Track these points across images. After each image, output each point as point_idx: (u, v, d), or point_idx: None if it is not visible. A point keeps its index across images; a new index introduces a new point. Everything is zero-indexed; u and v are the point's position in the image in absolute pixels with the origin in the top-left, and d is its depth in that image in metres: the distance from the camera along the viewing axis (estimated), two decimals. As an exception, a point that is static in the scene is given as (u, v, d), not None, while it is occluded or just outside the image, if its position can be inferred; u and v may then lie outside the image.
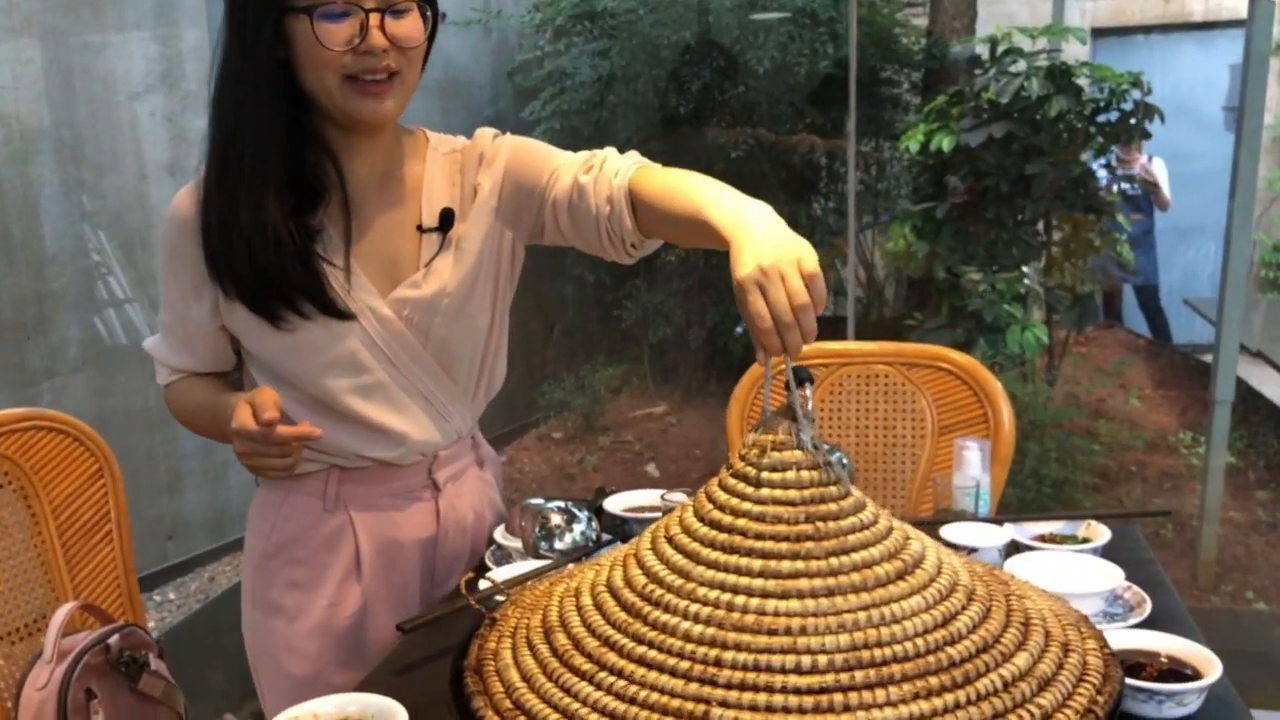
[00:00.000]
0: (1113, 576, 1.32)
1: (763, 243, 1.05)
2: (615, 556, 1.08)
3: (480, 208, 1.42)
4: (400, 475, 1.47)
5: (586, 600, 1.02)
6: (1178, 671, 1.12)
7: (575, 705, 0.91)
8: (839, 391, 2.12)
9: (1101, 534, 1.51)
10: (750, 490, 0.99)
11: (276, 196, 1.30)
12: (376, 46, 1.25)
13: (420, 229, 1.41)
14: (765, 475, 0.99)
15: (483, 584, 1.37)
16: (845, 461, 1.61)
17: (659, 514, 1.62)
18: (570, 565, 1.40)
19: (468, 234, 1.42)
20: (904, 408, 2.08)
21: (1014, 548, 1.48)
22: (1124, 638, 1.17)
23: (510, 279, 1.49)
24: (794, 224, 1.11)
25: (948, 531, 1.48)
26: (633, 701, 0.89)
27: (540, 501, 1.52)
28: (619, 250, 1.37)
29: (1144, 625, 1.27)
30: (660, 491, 1.71)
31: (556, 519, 1.48)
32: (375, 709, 1.07)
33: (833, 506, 0.98)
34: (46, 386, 3.40)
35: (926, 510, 2.01)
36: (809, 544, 0.95)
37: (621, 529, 1.63)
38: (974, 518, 1.57)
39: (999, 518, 1.57)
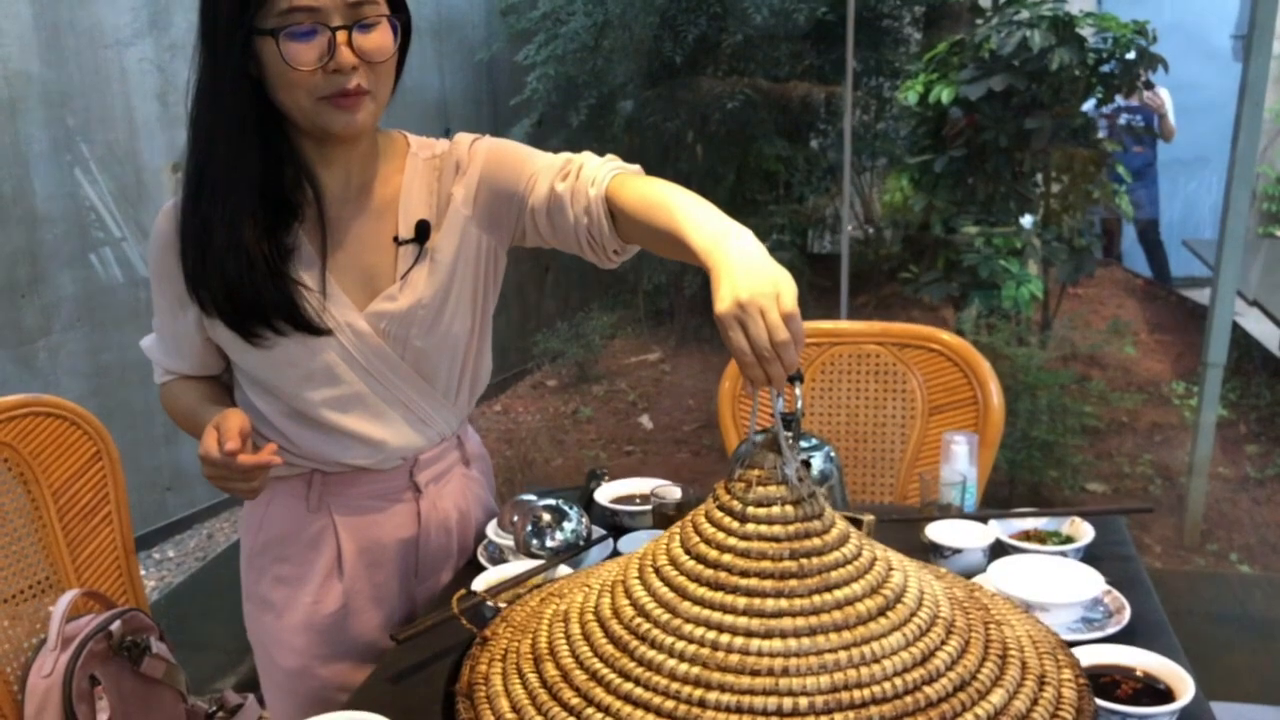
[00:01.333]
0: (1093, 585, 1.34)
1: (740, 276, 1.04)
2: (604, 580, 1.10)
3: (453, 217, 1.41)
4: (380, 479, 1.49)
5: (575, 629, 1.05)
6: (1152, 687, 1.15)
7: (564, 741, 0.94)
8: (829, 371, 2.13)
9: (1085, 532, 1.53)
10: (736, 525, 1.01)
11: (250, 217, 1.30)
12: (345, 64, 1.24)
13: (397, 241, 1.40)
14: (750, 510, 1.01)
15: (477, 583, 1.40)
16: (833, 455, 1.63)
17: (648, 507, 1.64)
18: (562, 566, 1.43)
19: (441, 244, 1.41)
20: (894, 388, 2.09)
21: (998, 548, 1.50)
22: (1100, 653, 1.20)
23: (492, 284, 1.49)
24: (790, 167, 1.11)
25: (933, 531, 1.51)
26: (620, 739, 0.92)
27: (532, 498, 1.54)
28: (601, 256, 1.35)
29: (1123, 632, 1.30)
30: (650, 481, 1.73)
31: (547, 517, 1.51)
32: (371, 728, 1.10)
33: (816, 542, 1.00)
34: (42, 344, 3.41)
35: (914, 490, 2.03)
36: (793, 582, 0.97)
37: (611, 520, 1.65)
38: (960, 513, 1.60)
39: (984, 514, 1.60)
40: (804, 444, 1.58)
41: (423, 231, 1.40)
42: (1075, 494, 3.67)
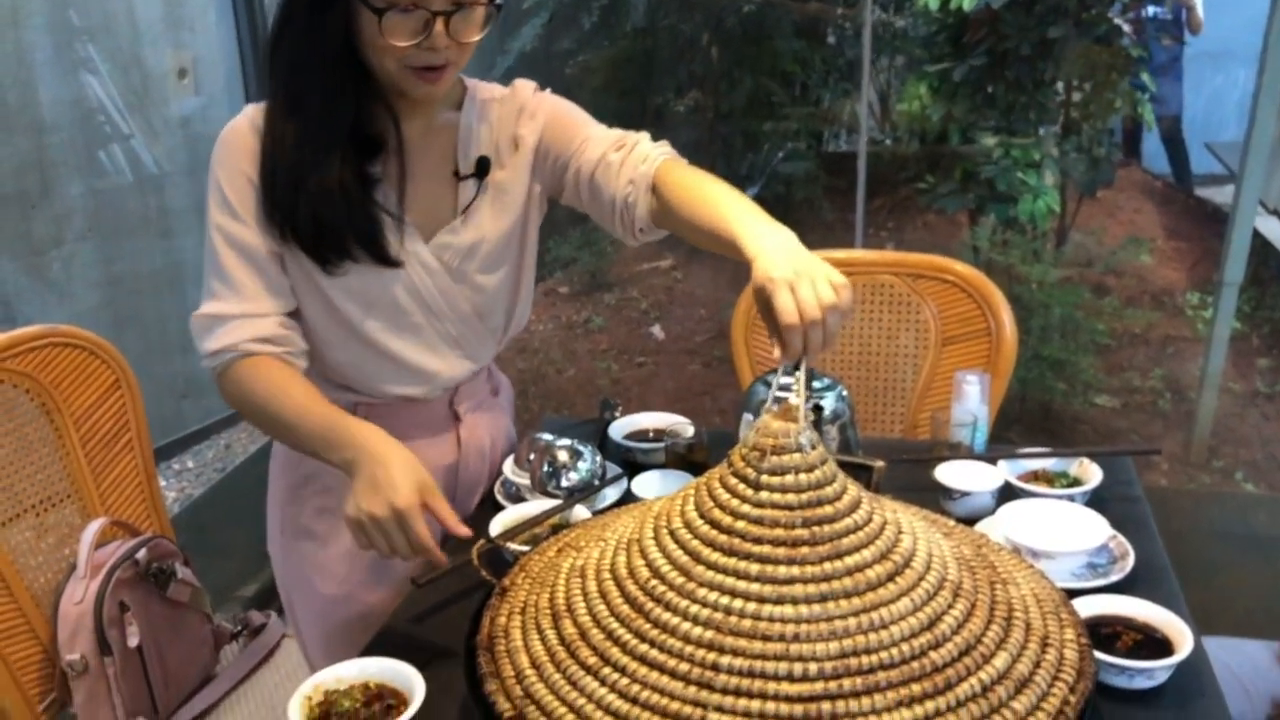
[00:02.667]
0: (1098, 533, 1.37)
1: (793, 254, 1.10)
2: (620, 536, 1.13)
3: (523, 159, 1.46)
4: (424, 408, 1.54)
5: (592, 586, 1.07)
6: (1152, 639, 1.18)
7: (581, 700, 0.97)
8: (851, 311, 2.12)
9: (1093, 474, 1.55)
10: (750, 493, 1.02)
11: (342, 154, 1.32)
12: (439, 45, 1.27)
13: (457, 175, 1.44)
14: (764, 479, 1.02)
15: (495, 524, 1.43)
16: (845, 395, 1.64)
17: (661, 444, 1.66)
18: (577, 506, 1.46)
19: (510, 184, 1.46)
20: (908, 318, 2.09)
21: (1007, 490, 1.52)
22: (1102, 603, 1.23)
23: (537, 229, 1.54)
24: (808, 68, 1.14)
25: (943, 473, 1.53)
26: (635, 701, 0.95)
27: (548, 438, 1.56)
28: (626, 232, 1.41)
29: (1126, 579, 1.33)
30: (663, 416, 1.75)
31: (563, 457, 1.53)
32: (393, 674, 1.14)
33: (828, 509, 1.01)
34: (55, 255, 3.41)
35: (925, 422, 2.05)
36: (804, 549, 0.99)
37: (625, 457, 1.68)
38: (970, 454, 1.62)
39: (993, 454, 1.61)
40: (816, 384, 1.59)
41: (483, 167, 1.44)
42: (1085, 410, 3.70)
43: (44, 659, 1.61)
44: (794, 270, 1.07)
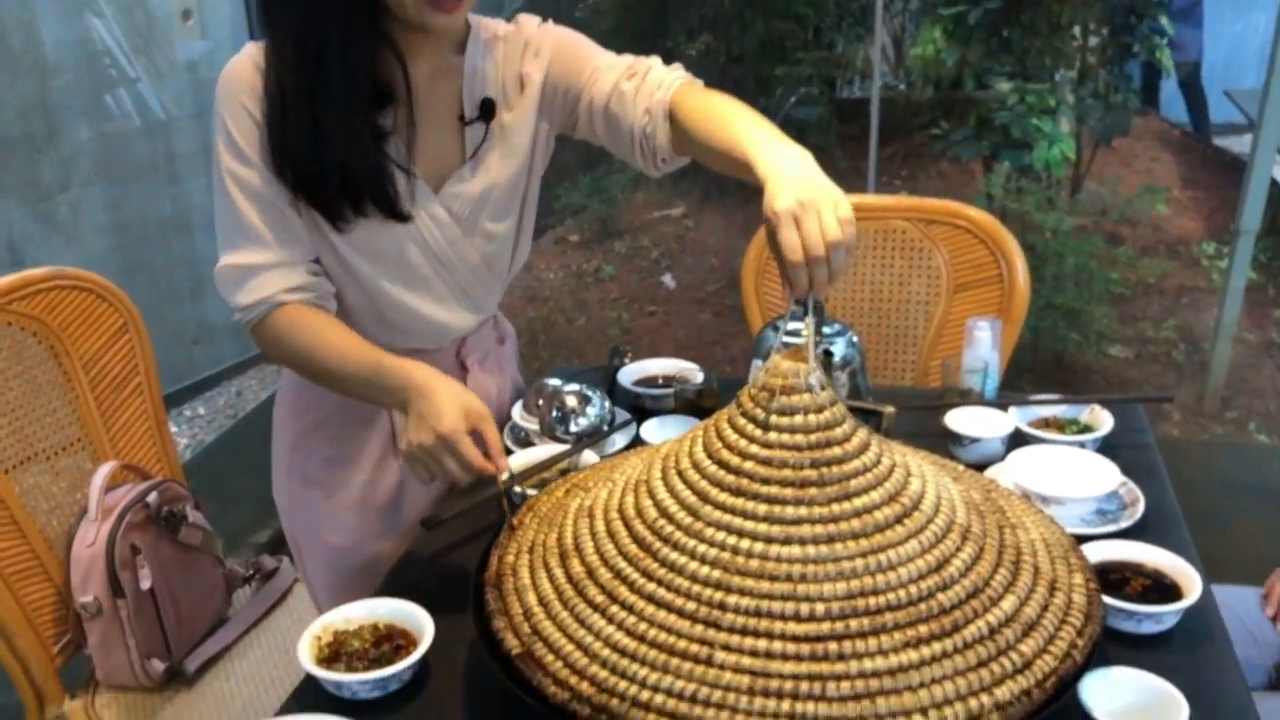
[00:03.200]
0: (1108, 479, 1.36)
1: (800, 183, 1.06)
2: (628, 477, 1.12)
3: (529, 99, 1.41)
4: (431, 359, 1.48)
5: (600, 526, 1.07)
6: (1161, 584, 1.18)
7: (589, 638, 0.97)
8: (855, 246, 2.10)
9: (1104, 421, 1.54)
10: (758, 433, 1.02)
11: (361, 110, 1.27)
12: None
13: (463, 119, 1.39)
14: (773, 419, 1.02)
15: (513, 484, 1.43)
16: (855, 341, 1.62)
17: (670, 390, 1.66)
18: (586, 451, 1.46)
19: (516, 127, 1.41)
20: (920, 264, 2.07)
21: (1017, 437, 1.51)
22: (1111, 549, 1.23)
23: (542, 170, 1.50)
24: (821, 10, 1.11)
25: (953, 419, 1.52)
26: (641, 639, 0.95)
27: (557, 383, 1.55)
28: (648, 163, 1.36)
29: (1136, 525, 1.32)
30: (672, 362, 1.74)
31: (572, 402, 1.53)
32: (402, 615, 1.15)
33: (837, 451, 1.01)
34: (62, 199, 3.40)
35: (936, 369, 2.04)
36: (812, 490, 0.98)
37: (634, 403, 1.67)
38: (980, 400, 1.61)
39: (1004, 401, 1.60)
40: (826, 330, 1.58)
41: (488, 110, 1.39)
42: (1097, 359, 3.67)
43: (58, 601, 1.62)
44: (799, 202, 1.03)
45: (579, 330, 4.31)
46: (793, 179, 1.07)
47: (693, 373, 1.65)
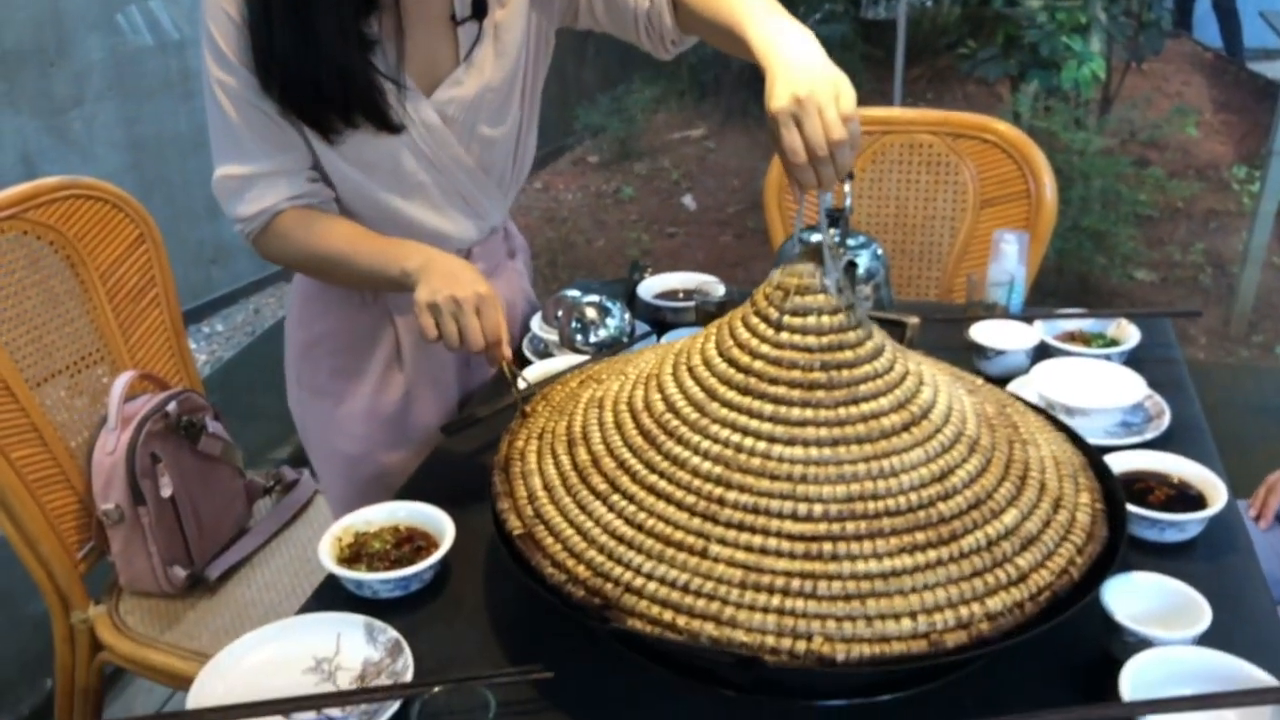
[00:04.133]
0: (1134, 390, 1.34)
1: (799, 73, 1.01)
2: (640, 370, 1.11)
3: None
4: None
5: (609, 416, 1.06)
6: (1185, 495, 1.17)
7: (589, 524, 0.98)
8: (881, 161, 2.06)
9: (1131, 335, 1.52)
10: (770, 333, 1.00)
11: (349, 12, 1.21)
12: None
13: (454, 19, 1.33)
14: (786, 319, 1.00)
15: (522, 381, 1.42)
16: (880, 253, 1.60)
17: (691, 303, 1.64)
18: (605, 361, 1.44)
19: (509, 23, 1.36)
20: (946, 179, 2.03)
21: (1042, 350, 1.49)
22: (1135, 459, 1.21)
23: (543, 66, 1.44)
24: None
25: (977, 331, 1.50)
26: (639, 528, 0.95)
27: (576, 294, 1.53)
28: (656, 46, 1.33)
29: (1161, 437, 1.31)
30: (693, 276, 1.72)
31: (591, 313, 1.51)
32: (423, 517, 1.15)
33: (848, 354, 0.99)
34: (76, 114, 3.36)
35: (960, 286, 2.01)
36: (820, 393, 0.97)
37: (655, 316, 1.65)
38: (1005, 314, 1.58)
39: (1029, 314, 1.58)
40: (851, 241, 1.55)
41: (480, 7, 1.33)
42: (1123, 282, 3.62)
43: (80, 509, 1.63)
44: (798, 99, 0.99)
45: (598, 251, 4.28)
46: (792, 68, 1.02)
47: (713, 285, 1.63)
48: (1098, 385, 1.37)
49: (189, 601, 1.67)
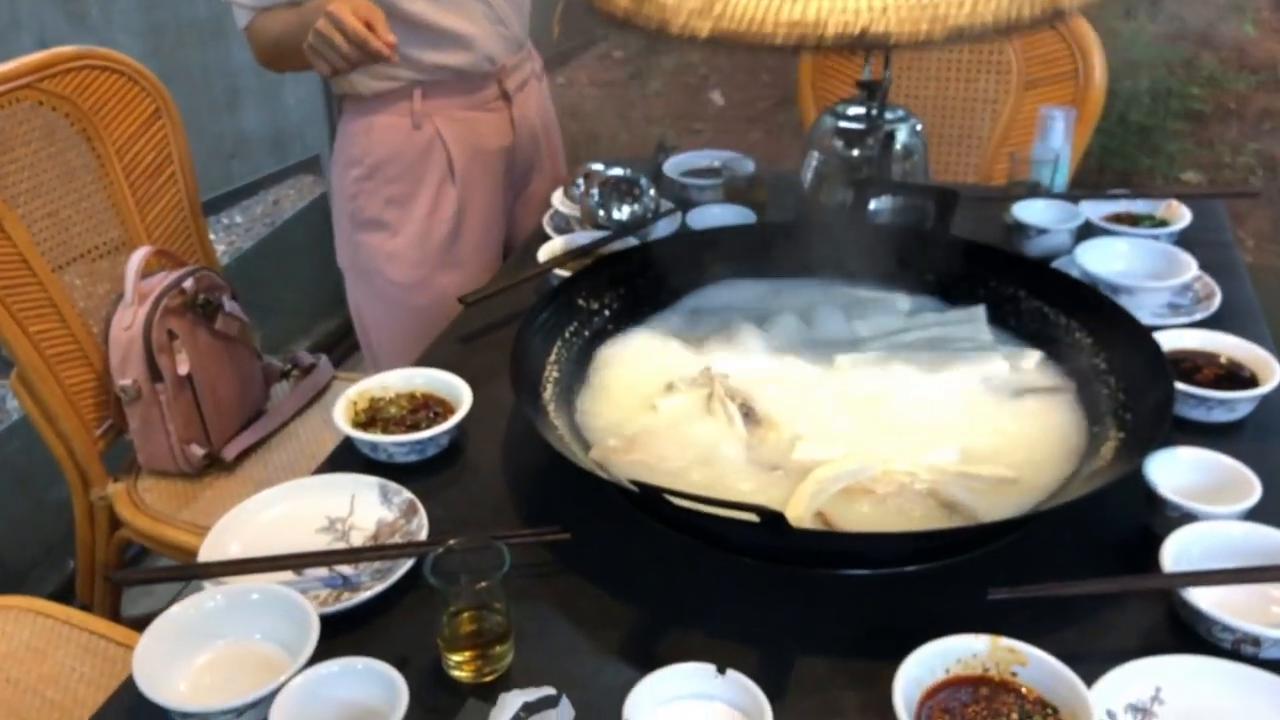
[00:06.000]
0: (1183, 268, 1.28)
1: None
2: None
3: None
4: (475, 86, 1.58)
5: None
6: (1236, 373, 1.11)
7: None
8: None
9: (1181, 216, 1.45)
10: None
11: None
12: None
13: None
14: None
15: (542, 252, 1.38)
16: (919, 130, 1.52)
17: (718, 181, 1.58)
18: (630, 238, 1.40)
19: None
20: (989, 59, 1.93)
21: (1087, 230, 1.42)
22: (1183, 337, 1.16)
23: None
24: None
25: (1019, 210, 1.43)
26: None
27: (600, 168, 1.48)
28: None
29: (1211, 318, 1.25)
30: (721, 153, 1.65)
31: (616, 186, 1.45)
32: (440, 384, 1.12)
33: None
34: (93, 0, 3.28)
35: (1000, 172, 1.93)
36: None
37: (680, 195, 1.59)
38: (1049, 193, 1.51)
39: (1074, 193, 1.51)
40: (889, 115, 1.48)
41: None
42: (1169, 183, 3.49)
43: (98, 386, 1.62)
44: None
45: (622, 147, 4.16)
46: None
47: (741, 162, 1.56)
48: (1145, 264, 1.31)
49: (206, 481, 1.66)
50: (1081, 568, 0.92)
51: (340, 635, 0.84)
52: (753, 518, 0.80)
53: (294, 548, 0.92)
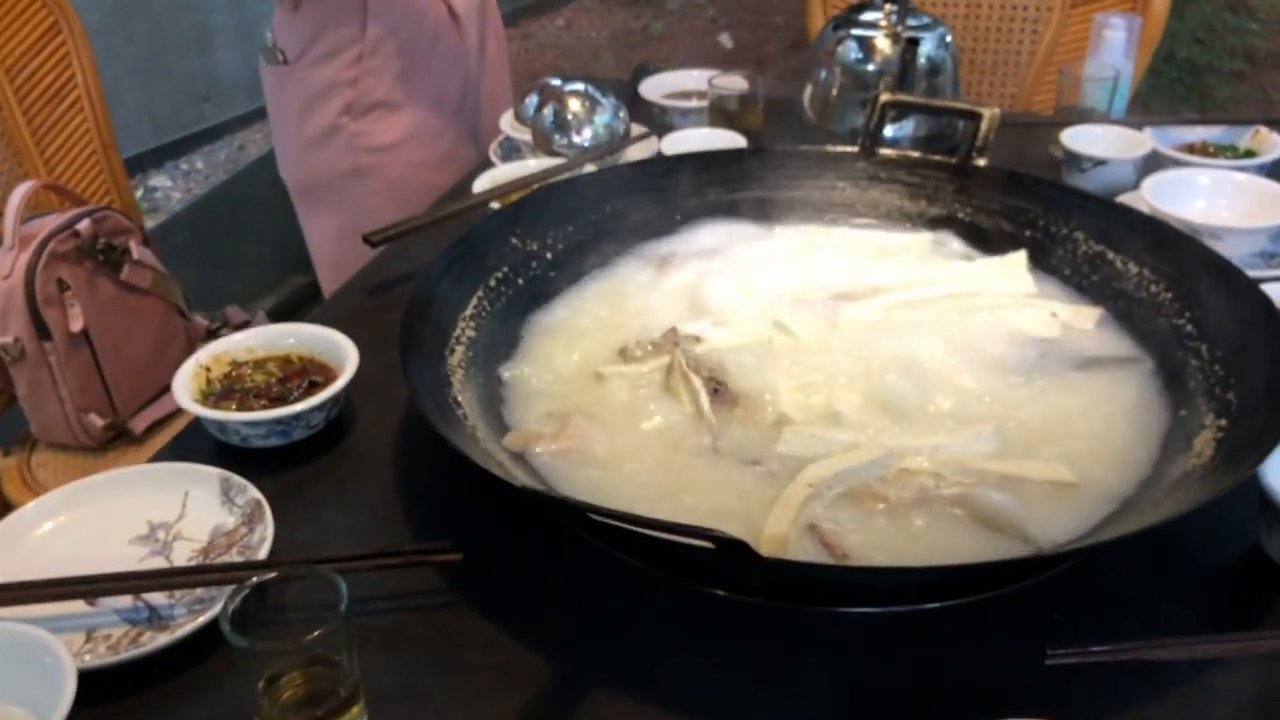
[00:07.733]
0: (1278, 208, 1.01)
1: None
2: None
3: None
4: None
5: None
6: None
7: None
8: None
9: (1272, 145, 1.18)
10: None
11: None
12: None
13: None
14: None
15: (478, 183, 1.13)
16: (949, 41, 1.26)
17: (704, 103, 1.31)
18: (589, 166, 1.13)
19: None
20: (1030, -32, 1.66)
21: (1154, 162, 1.16)
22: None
23: None
24: None
25: (1071, 136, 1.16)
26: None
27: (557, 83, 1.21)
28: None
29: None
30: (709, 73, 1.38)
31: (575, 106, 1.19)
32: (320, 344, 0.86)
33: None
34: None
35: (1043, 105, 1.65)
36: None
37: (659, 119, 1.33)
38: (1106, 118, 1.24)
39: (1137, 120, 1.24)
40: (912, 21, 1.21)
41: None
42: (1258, 105, 3.18)
43: (-19, 344, 1.39)
44: None
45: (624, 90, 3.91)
46: None
47: (733, 79, 1.29)
48: (1230, 203, 1.04)
49: (111, 457, 1.45)
50: (1168, 604, 0.67)
51: (130, 695, 0.60)
52: (707, 544, 0.55)
53: (97, 564, 0.68)
